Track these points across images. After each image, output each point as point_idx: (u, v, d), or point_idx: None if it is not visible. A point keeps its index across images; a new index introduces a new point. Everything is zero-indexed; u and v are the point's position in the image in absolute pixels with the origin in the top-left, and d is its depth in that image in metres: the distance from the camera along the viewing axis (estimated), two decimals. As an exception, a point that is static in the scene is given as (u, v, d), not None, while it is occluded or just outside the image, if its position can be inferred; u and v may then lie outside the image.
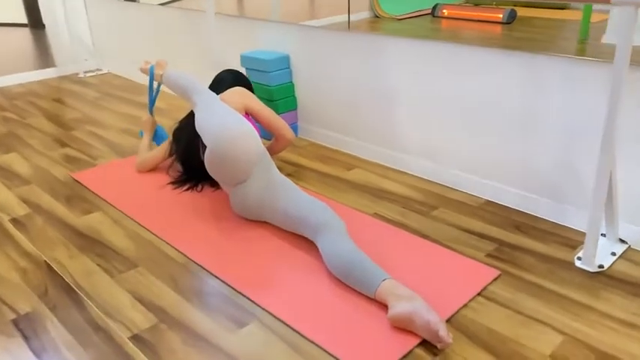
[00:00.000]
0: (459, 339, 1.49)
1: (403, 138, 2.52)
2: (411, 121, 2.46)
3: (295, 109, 3.01)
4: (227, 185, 2.10)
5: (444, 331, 1.39)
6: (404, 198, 2.29)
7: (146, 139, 2.72)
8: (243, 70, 3.11)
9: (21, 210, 2.31)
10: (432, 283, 1.71)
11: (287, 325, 1.57)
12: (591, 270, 1.74)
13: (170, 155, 2.56)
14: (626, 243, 1.86)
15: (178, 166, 2.53)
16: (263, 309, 1.64)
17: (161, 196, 2.37)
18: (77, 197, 2.42)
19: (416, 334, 1.48)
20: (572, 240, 1.92)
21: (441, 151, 2.39)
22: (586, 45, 1.88)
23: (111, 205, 2.33)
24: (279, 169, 2.59)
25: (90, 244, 2.04)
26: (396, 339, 1.48)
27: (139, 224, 2.16)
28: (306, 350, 1.47)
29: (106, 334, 1.56)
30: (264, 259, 1.88)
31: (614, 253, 1.81)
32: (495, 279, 1.73)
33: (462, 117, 2.25)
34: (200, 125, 2.13)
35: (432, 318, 1.43)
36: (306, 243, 1.95)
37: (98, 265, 1.90)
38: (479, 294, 1.66)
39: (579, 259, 1.79)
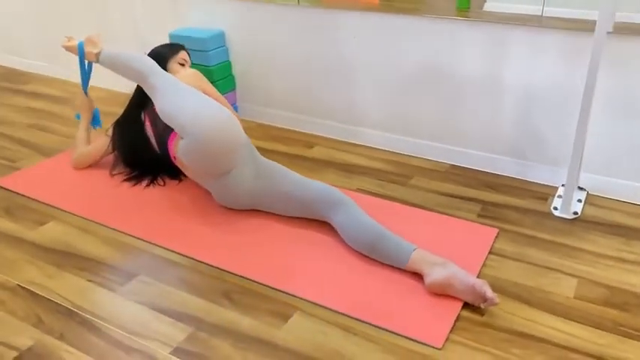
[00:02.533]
0: (492, 296, 1.60)
1: (360, 111, 2.56)
2: (366, 93, 2.51)
3: (234, 89, 2.88)
4: (209, 177, 1.97)
5: (490, 293, 1.49)
6: (375, 170, 2.35)
7: (83, 127, 2.40)
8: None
9: (-48, 231, 1.95)
10: (444, 248, 1.79)
11: (330, 310, 1.55)
12: (569, 217, 1.97)
13: (113, 151, 2.32)
14: (585, 189, 2.13)
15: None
16: (299, 298, 1.60)
17: (122, 195, 2.15)
18: (18, 208, 2.09)
19: (455, 298, 1.57)
20: (541, 192, 2.14)
21: (400, 121, 2.47)
22: (469, 12, 2.15)
23: (65, 211, 2.06)
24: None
25: (65, 258, 1.80)
26: (440, 305, 1.55)
27: (112, 229, 1.95)
28: (360, 330, 1.48)
29: (143, 355, 1.41)
30: (273, 247, 1.82)
31: (580, 200, 2.06)
32: (496, 236, 1.87)
33: (418, 85, 2.35)
34: (169, 113, 1.93)
35: (475, 281, 1.52)
36: (306, 224, 1.91)
37: (89, 280, 1.69)
38: (490, 252, 1.79)
39: (556, 208, 2.01)
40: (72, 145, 2.43)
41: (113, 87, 3.17)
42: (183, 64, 2.28)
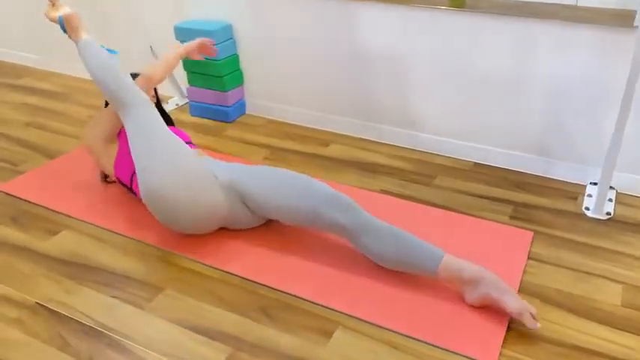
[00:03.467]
0: (537, 304, 1.55)
1: (376, 107, 2.48)
2: (383, 89, 2.42)
3: (242, 84, 2.77)
4: None
5: (530, 323, 1.40)
6: (396, 170, 2.28)
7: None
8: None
9: (-43, 243, 1.83)
10: (479, 254, 1.73)
11: (373, 325, 1.48)
12: (602, 218, 1.92)
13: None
14: (614, 188, 2.08)
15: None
16: (339, 312, 1.53)
17: (136, 201, 2.04)
18: (26, 216, 1.98)
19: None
20: (569, 191, 2.09)
21: (419, 117, 2.39)
22: (469, 3, 2.09)
23: (76, 219, 1.95)
24: (254, 154, 2.39)
25: (82, 271, 1.70)
26: (487, 315, 1.49)
27: (130, 238, 1.85)
28: (407, 346, 1.42)
29: (181, 379, 1.33)
30: (306, 258, 1.73)
31: (610, 200, 2.01)
32: (532, 240, 1.82)
33: (439, 80, 2.27)
34: (140, 178, 1.73)
35: (512, 309, 1.42)
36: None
37: (113, 296, 1.59)
38: (528, 258, 1.74)
39: (587, 209, 1.97)
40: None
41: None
42: None
